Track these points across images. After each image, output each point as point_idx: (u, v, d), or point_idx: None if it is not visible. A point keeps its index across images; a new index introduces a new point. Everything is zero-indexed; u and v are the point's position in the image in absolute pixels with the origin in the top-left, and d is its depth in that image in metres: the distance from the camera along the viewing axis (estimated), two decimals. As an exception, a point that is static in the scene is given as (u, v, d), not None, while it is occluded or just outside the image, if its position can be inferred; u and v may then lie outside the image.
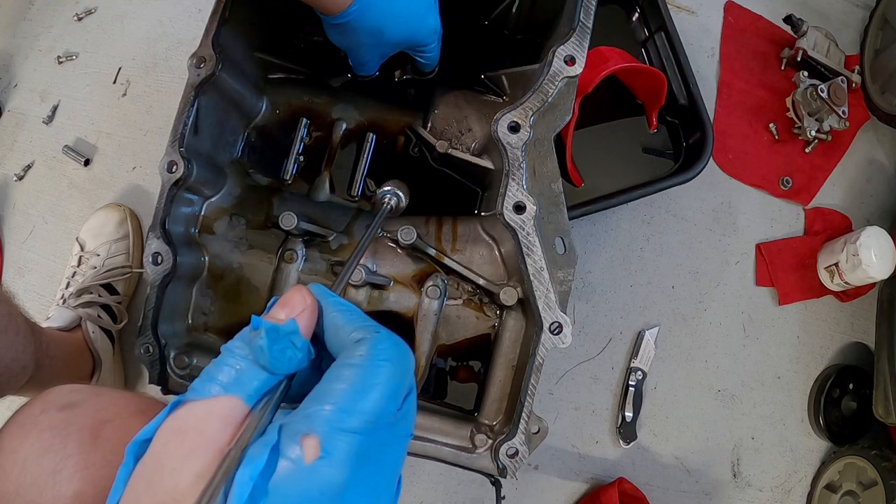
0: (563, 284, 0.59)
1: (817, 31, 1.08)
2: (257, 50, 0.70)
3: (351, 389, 0.28)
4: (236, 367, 0.29)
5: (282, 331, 0.29)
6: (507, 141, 0.57)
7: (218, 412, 0.28)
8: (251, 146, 0.73)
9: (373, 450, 0.27)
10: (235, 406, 0.28)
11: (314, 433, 0.26)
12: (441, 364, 0.67)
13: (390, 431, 0.29)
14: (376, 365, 0.29)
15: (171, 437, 0.27)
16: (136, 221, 1.02)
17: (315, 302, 0.32)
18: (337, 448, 0.26)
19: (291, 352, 0.30)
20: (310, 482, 0.25)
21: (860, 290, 1.07)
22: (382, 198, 0.64)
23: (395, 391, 0.29)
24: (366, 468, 0.27)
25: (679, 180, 0.94)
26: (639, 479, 1.00)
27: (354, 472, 0.26)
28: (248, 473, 0.25)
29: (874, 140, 1.15)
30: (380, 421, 0.28)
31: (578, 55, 0.59)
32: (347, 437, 0.26)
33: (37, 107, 1.13)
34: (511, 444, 0.57)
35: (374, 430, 0.27)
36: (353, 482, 0.26)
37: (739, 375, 1.05)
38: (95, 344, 0.89)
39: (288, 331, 0.30)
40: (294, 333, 0.30)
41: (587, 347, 1.02)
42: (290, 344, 0.30)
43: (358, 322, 0.31)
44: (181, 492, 0.25)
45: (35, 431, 0.36)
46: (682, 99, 0.99)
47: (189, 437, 0.27)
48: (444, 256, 0.66)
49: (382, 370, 0.29)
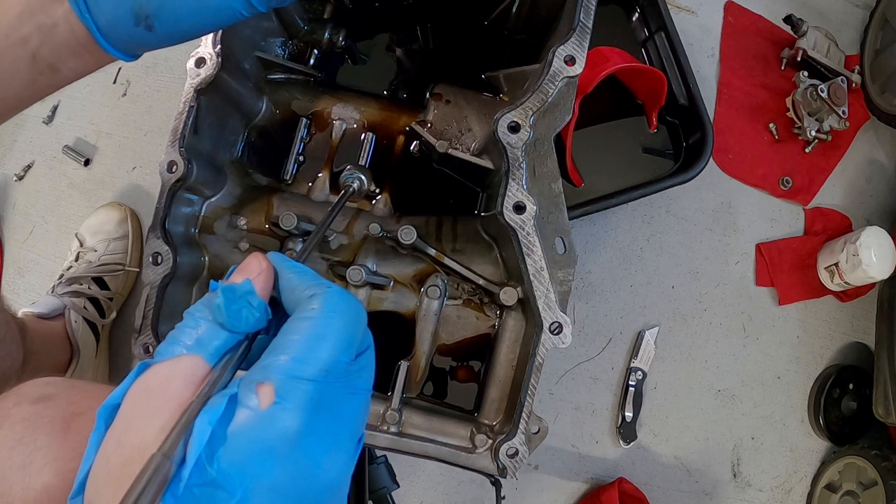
0: (563, 284, 0.59)
1: (817, 31, 1.08)
2: (257, 50, 0.70)
3: (304, 340, 0.29)
4: (197, 329, 0.31)
5: (238, 290, 0.31)
6: (507, 141, 0.57)
7: (180, 371, 0.29)
8: (251, 146, 0.73)
9: (328, 399, 0.28)
10: (197, 365, 0.30)
11: (269, 381, 0.27)
12: (441, 364, 0.67)
13: (346, 383, 0.29)
14: (327, 316, 0.30)
15: (138, 398, 0.28)
16: (136, 221, 1.02)
17: (270, 266, 0.33)
18: (291, 394, 0.27)
19: (248, 311, 0.31)
20: (266, 428, 0.26)
21: (860, 290, 1.07)
22: (344, 181, 0.68)
23: (348, 342, 0.30)
24: (322, 417, 0.28)
25: (679, 180, 0.94)
26: (639, 479, 1.00)
27: (310, 418, 0.27)
28: (207, 420, 0.26)
29: (874, 140, 1.15)
30: (334, 370, 0.29)
31: (578, 55, 0.59)
32: (302, 384, 0.27)
33: (37, 107, 1.13)
34: (511, 444, 0.57)
35: (328, 378, 0.28)
36: (309, 429, 0.27)
37: (739, 375, 1.05)
38: (76, 334, 0.89)
39: (244, 290, 0.31)
40: (250, 293, 0.31)
41: (587, 347, 1.02)
42: (247, 303, 0.31)
43: (311, 281, 0.32)
44: (146, 445, 0.26)
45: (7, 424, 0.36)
46: (682, 99, 0.99)
47: (154, 396, 0.28)
48: (444, 256, 0.66)
49: (334, 321, 0.30)
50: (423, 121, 0.72)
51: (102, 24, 0.41)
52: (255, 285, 0.32)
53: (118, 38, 0.42)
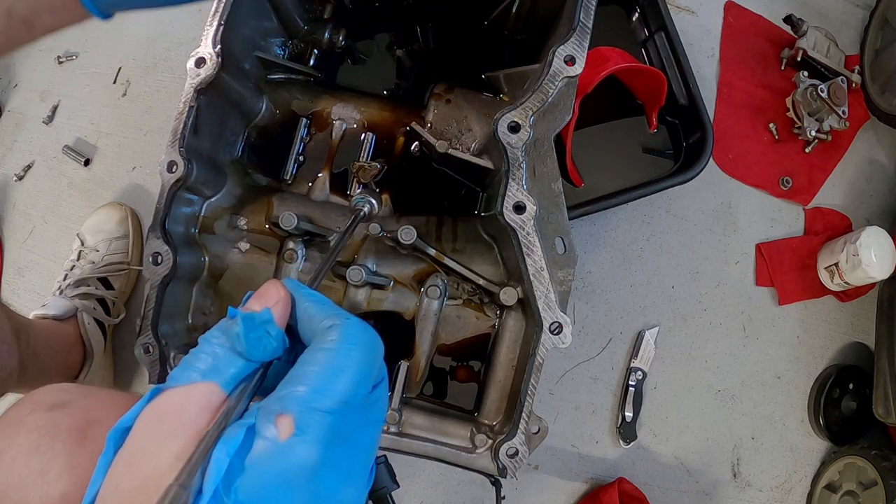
0: (563, 284, 0.59)
1: (817, 31, 1.08)
2: (257, 50, 0.70)
3: (323, 371, 0.29)
4: (214, 355, 0.30)
5: (257, 319, 0.31)
6: (507, 141, 0.57)
7: (196, 397, 0.29)
8: (251, 146, 0.73)
9: (345, 431, 0.28)
10: (213, 392, 0.29)
11: (288, 412, 0.27)
12: (441, 364, 0.67)
13: (362, 415, 0.29)
14: (347, 348, 0.30)
15: (151, 423, 0.28)
16: (136, 221, 1.02)
17: (288, 294, 0.33)
18: (311, 426, 0.27)
19: (266, 340, 0.31)
20: (285, 459, 0.26)
21: (860, 290, 1.07)
22: (356, 205, 0.68)
23: (366, 374, 0.30)
24: (339, 448, 0.28)
25: (679, 180, 0.94)
26: (639, 479, 1.00)
27: (328, 450, 0.27)
28: (225, 451, 0.26)
29: (874, 140, 1.15)
30: (351, 402, 0.29)
31: (578, 55, 0.59)
32: (320, 416, 0.27)
33: (37, 107, 1.13)
34: (511, 444, 0.57)
35: (346, 410, 0.28)
36: (326, 461, 0.27)
37: (739, 375, 1.05)
38: (89, 336, 0.89)
39: (263, 319, 0.31)
40: (269, 322, 0.31)
41: (587, 347, 1.02)
42: (265, 332, 0.31)
43: (329, 311, 0.32)
44: (160, 472, 0.26)
45: (23, 432, 0.37)
46: (682, 99, 0.99)
47: (168, 422, 0.28)
48: (444, 256, 0.66)
49: (353, 353, 0.30)
50: (423, 121, 0.72)
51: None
52: (273, 313, 0.31)
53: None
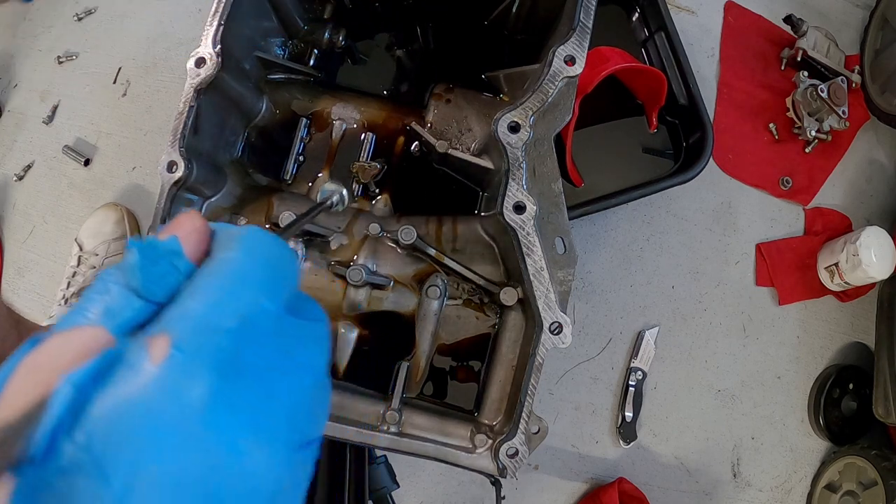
0: (563, 284, 0.59)
1: (817, 31, 1.08)
2: (257, 50, 0.70)
3: (215, 281, 0.23)
4: (106, 295, 0.23)
5: (161, 248, 0.24)
6: (507, 141, 0.57)
7: (75, 344, 0.22)
8: (251, 146, 0.73)
9: (251, 362, 0.22)
10: (98, 337, 0.22)
11: (165, 332, 0.21)
12: (441, 364, 0.67)
13: (277, 347, 0.23)
14: (245, 256, 0.24)
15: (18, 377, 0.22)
16: (133, 220, 1.02)
17: (206, 226, 0.26)
18: (196, 347, 0.21)
19: (173, 276, 0.24)
20: (158, 391, 0.20)
21: (860, 290, 1.07)
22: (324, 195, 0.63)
23: (271, 285, 0.24)
24: (243, 386, 0.21)
25: (679, 180, 0.94)
26: (639, 479, 1.00)
27: (224, 383, 0.21)
28: (70, 381, 0.20)
29: (874, 140, 1.15)
30: (256, 320, 0.23)
31: (578, 55, 0.59)
32: (208, 335, 0.21)
33: (37, 107, 1.13)
34: (511, 444, 0.57)
35: (249, 332, 0.22)
36: (222, 398, 0.21)
37: (739, 375, 1.05)
38: None
39: (167, 249, 0.24)
40: (175, 254, 0.24)
41: (587, 347, 1.02)
42: (171, 266, 0.24)
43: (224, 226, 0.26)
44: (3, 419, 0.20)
45: None
46: (682, 99, 0.99)
47: (37, 374, 0.21)
48: (444, 256, 0.66)
49: (249, 259, 0.24)
50: (423, 121, 0.72)
51: None
52: (183, 244, 0.24)
53: None
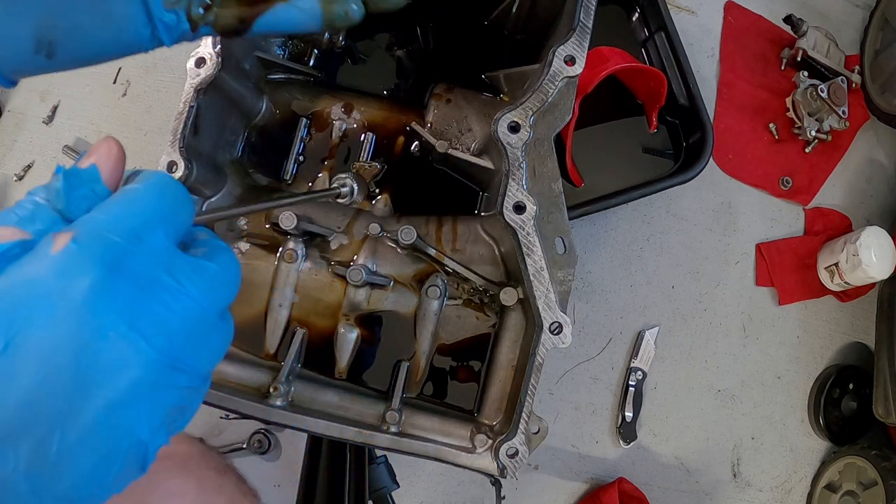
0: (563, 284, 0.59)
1: (817, 31, 1.08)
2: (257, 50, 0.70)
3: (116, 203, 0.27)
4: (32, 206, 0.27)
5: (83, 175, 0.28)
6: (507, 141, 0.57)
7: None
8: (251, 146, 0.73)
9: (136, 272, 0.25)
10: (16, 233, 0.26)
11: (70, 230, 0.24)
12: (441, 364, 0.67)
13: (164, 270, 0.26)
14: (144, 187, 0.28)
15: None
16: None
17: (121, 151, 0.30)
18: (90, 245, 0.24)
19: (92, 199, 0.28)
20: (50, 273, 0.23)
21: (860, 290, 1.07)
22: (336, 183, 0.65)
23: (163, 216, 0.27)
24: (124, 288, 0.24)
25: (679, 180, 0.94)
26: (639, 479, 1.00)
27: (107, 280, 0.24)
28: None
29: (874, 140, 1.15)
30: (147, 241, 0.26)
31: (578, 55, 0.59)
32: (102, 237, 0.24)
33: (37, 107, 1.13)
34: (511, 444, 0.57)
35: (135, 245, 0.25)
36: (102, 293, 0.24)
37: (739, 375, 1.05)
38: None
39: (88, 176, 0.28)
40: (95, 181, 0.28)
41: (587, 347, 1.02)
42: (91, 191, 0.28)
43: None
44: None
45: None
46: (682, 99, 0.99)
47: None
48: (444, 256, 0.66)
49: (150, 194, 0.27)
50: (423, 121, 0.72)
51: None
52: (101, 171, 0.28)
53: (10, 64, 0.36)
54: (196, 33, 0.38)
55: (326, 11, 0.40)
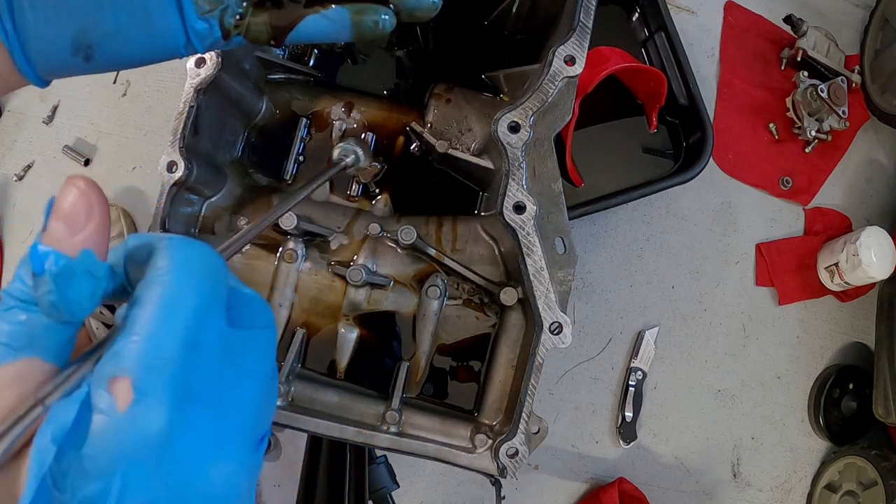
0: (563, 284, 0.59)
1: (817, 31, 1.08)
2: (257, 50, 0.70)
3: (155, 310, 0.22)
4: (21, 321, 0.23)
5: (76, 268, 0.23)
6: (507, 141, 0.57)
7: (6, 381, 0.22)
8: (251, 146, 0.73)
9: (201, 382, 0.23)
10: (34, 369, 0.23)
11: (124, 373, 0.21)
12: (441, 364, 0.67)
13: (223, 360, 0.24)
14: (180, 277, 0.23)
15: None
16: (128, 219, 1.02)
17: (101, 200, 0.24)
18: (151, 384, 0.21)
19: (94, 287, 0.23)
20: (129, 434, 0.21)
21: (860, 290, 1.07)
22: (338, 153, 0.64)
23: (210, 303, 0.24)
24: (195, 408, 0.22)
25: (679, 180, 0.94)
26: (639, 479, 1.00)
27: (179, 412, 0.22)
28: (50, 435, 0.20)
29: (874, 140, 1.15)
30: (201, 343, 0.23)
31: (578, 55, 0.59)
32: (161, 369, 0.22)
33: (37, 107, 1.13)
34: (511, 444, 0.57)
35: (194, 355, 0.23)
36: (180, 427, 0.22)
37: (739, 375, 1.05)
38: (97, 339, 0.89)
39: (83, 267, 0.23)
40: (91, 263, 0.23)
41: (587, 347, 1.02)
42: (89, 277, 0.23)
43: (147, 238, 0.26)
44: None
45: None
46: (682, 99, 0.99)
47: None
48: (444, 256, 0.66)
49: (188, 280, 0.23)
50: (423, 121, 0.72)
51: (34, 50, 0.34)
52: (91, 245, 0.23)
53: (47, 66, 0.36)
54: (228, 42, 0.38)
55: (356, 22, 0.40)
